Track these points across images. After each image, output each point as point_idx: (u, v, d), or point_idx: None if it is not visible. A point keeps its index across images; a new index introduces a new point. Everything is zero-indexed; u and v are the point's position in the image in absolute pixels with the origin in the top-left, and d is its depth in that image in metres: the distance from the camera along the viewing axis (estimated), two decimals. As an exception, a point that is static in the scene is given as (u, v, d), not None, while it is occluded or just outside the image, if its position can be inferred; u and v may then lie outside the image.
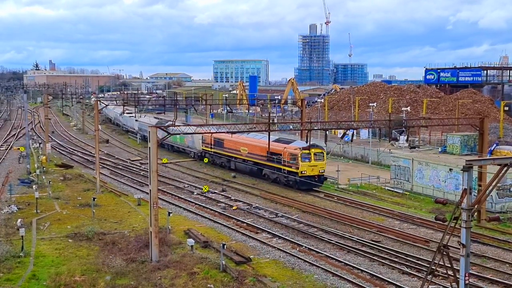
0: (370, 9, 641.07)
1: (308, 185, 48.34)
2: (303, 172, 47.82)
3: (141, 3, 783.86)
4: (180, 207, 43.59)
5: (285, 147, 49.33)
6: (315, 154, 48.33)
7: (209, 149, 62.58)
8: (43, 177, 54.03)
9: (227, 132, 41.55)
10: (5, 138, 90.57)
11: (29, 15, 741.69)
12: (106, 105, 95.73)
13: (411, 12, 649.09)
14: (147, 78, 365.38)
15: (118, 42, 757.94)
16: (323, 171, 49.05)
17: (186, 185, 52.81)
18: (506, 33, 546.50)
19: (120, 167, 63.58)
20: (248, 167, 55.54)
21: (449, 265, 19.20)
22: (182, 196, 47.72)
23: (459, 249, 18.08)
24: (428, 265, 23.82)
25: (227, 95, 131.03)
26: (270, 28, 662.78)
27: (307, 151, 47.91)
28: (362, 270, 28.78)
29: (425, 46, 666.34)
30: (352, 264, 29.69)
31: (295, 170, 48.27)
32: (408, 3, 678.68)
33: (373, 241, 34.10)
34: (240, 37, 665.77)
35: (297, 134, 66.06)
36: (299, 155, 47.79)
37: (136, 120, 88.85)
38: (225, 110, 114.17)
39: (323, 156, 49.41)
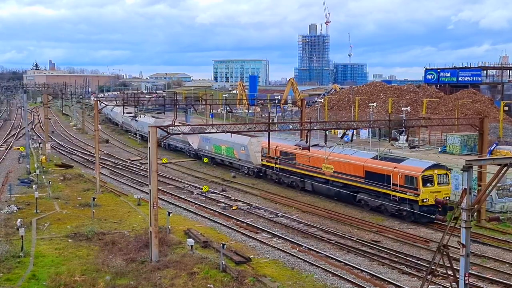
0: (371, 9, 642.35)
1: (429, 218, 37.17)
2: (424, 200, 37.24)
3: (142, 2, 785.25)
4: (180, 207, 43.59)
5: (395, 167, 39.05)
6: (438, 176, 38.09)
7: (273, 165, 52.03)
8: (43, 177, 54.01)
9: (229, 132, 38.43)
10: (5, 138, 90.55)
11: (30, 15, 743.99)
12: (107, 105, 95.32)
13: (412, 12, 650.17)
14: (147, 78, 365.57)
15: (118, 42, 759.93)
16: (447, 198, 38.31)
17: (186, 185, 52.80)
18: (507, 33, 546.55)
19: (120, 167, 63.57)
20: (333, 190, 44.85)
21: (449, 265, 19.21)
22: (182, 196, 47.72)
23: (459, 249, 18.09)
24: (428, 265, 23.82)
25: (227, 95, 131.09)
26: (271, 28, 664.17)
27: (429, 173, 37.88)
28: (362, 270, 28.79)
29: (425, 46, 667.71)
30: (352, 264, 29.70)
31: (412, 198, 37.75)
32: (410, 3, 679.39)
33: (373, 241, 34.11)
34: (241, 37, 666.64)
35: (297, 134, 66.05)
36: (420, 178, 37.37)
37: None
38: (225, 110, 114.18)
39: (448, 179, 38.92)
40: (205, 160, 62.00)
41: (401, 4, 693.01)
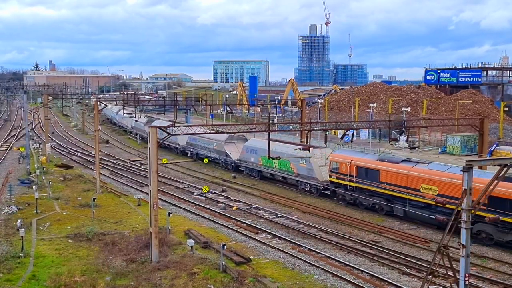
0: (372, 9, 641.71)
1: None
2: None
3: (144, 3, 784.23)
4: (180, 207, 43.59)
5: None
6: None
7: (346, 182, 42.96)
8: (43, 177, 54.01)
9: (229, 132, 36.87)
10: (5, 139, 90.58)
11: (31, 15, 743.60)
12: (106, 106, 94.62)
13: (413, 12, 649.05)
14: (147, 79, 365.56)
15: (119, 42, 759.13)
16: None
17: (186, 186, 52.80)
18: (507, 33, 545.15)
19: (120, 167, 63.59)
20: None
21: (449, 266, 19.21)
22: (182, 197, 47.72)
23: (459, 249, 18.09)
24: (428, 266, 23.82)
25: (227, 96, 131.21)
26: (272, 29, 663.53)
27: None
28: (362, 271, 28.77)
29: (426, 47, 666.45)
30: (352, 265, 29.69)
31: None
32: (411, 3, 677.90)
33: (373, 241, 34.11)
34: (242, 37, 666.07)
35: (297, 134, 66.08)
36: None
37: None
38: (225, 111, 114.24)
39: None
40: (205, 160, 61.88)
41: (403, 4, 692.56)
